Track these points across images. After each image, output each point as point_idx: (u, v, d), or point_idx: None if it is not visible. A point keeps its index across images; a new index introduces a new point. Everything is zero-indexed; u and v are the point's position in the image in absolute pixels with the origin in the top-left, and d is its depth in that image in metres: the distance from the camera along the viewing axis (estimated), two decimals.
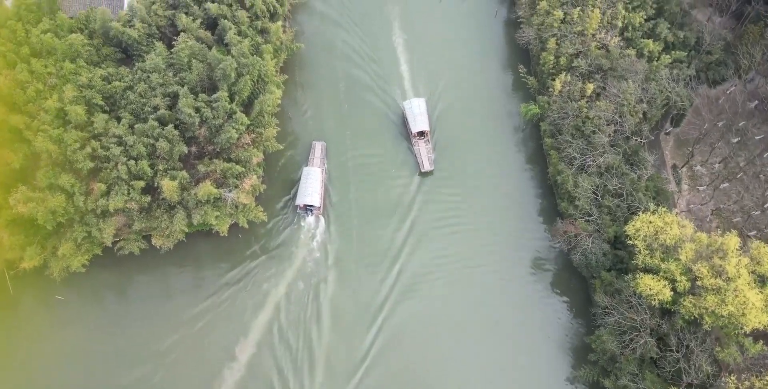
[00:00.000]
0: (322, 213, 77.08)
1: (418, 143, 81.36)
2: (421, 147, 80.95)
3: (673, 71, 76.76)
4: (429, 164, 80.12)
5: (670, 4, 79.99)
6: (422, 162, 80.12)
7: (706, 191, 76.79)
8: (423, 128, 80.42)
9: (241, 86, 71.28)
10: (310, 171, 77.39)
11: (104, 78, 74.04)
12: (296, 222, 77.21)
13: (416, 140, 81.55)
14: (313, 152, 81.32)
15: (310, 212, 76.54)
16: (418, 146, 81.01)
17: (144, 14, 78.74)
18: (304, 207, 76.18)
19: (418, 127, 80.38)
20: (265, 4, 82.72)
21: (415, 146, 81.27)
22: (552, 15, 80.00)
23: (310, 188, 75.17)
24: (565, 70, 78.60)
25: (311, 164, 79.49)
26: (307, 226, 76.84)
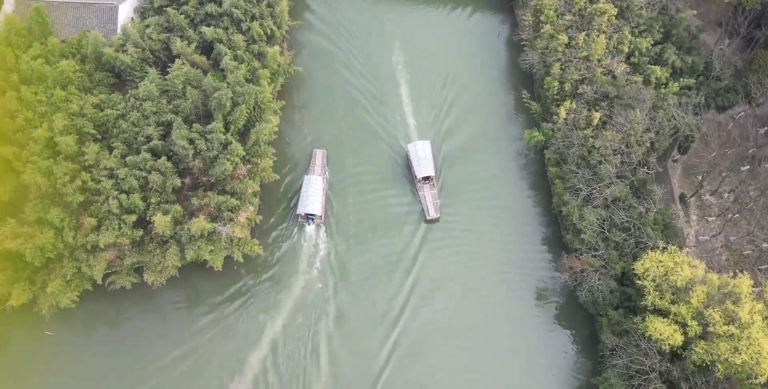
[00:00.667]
0: (323, 221, 75.85)
1: (423, 188, 77.66)
2: (426, 192, 77.17)
3: (681, 98, 74.65)
4: (435, 212, 76.26)
5: (678, 28, 77.85)
6: (428, 209, 76.40)
7: (716, 222, 74.65)
8: (428, 173, 76.81)
9: (237, 116, 69.21)
10: (310, 179, 76.20)
11: (96, 106, 71.97)
12: (295, 237, 75.34)
13: (421, 185, 77.85)
14: (314, 159, 80.00)
15: (311, 220, 75.37)
16: (423, 191, 77.46)
17: (137, 39, 76.68)
18: (305, 216, 75.04)
19: (423, 172, 76.76)
20: (262, 27, 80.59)
21: (420, 191, 77.71)
22: (556, 39, 77.87)
23: (311, 197, 74.03)
24: (570, 97, 76.48)
25: (312, 172, 78.16)
26: (308, 245, 75.05)
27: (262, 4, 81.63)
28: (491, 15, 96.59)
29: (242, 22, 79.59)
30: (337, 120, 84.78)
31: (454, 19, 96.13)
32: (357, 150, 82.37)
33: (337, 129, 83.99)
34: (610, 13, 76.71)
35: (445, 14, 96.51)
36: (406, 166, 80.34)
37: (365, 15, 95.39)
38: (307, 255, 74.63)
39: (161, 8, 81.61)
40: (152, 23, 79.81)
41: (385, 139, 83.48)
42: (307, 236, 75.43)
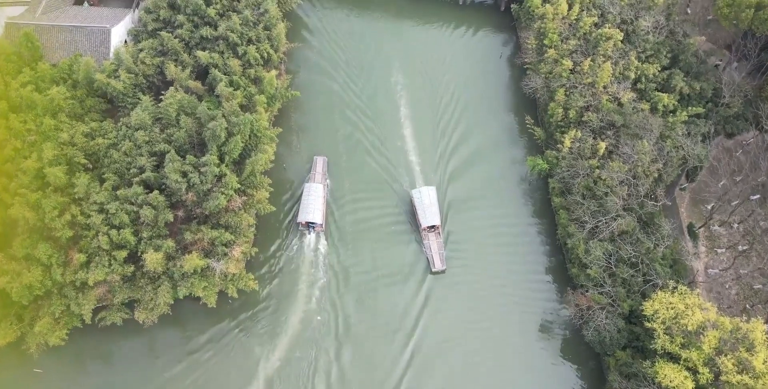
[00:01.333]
0: (323, 230, 74.72)
1: (428, 237, 73.96)
2: (431, 242, 73.63)
3: (689, 127, 72.54)
4: (441, 263, 72.55)
5: (686, 54, 75.67)
6: (433, 261, 72.61)
7: (725, 254, 72.46)
8: (434, 222, 73.25)
9: (232, 147, 67.08)
10: (311, 187, 75.01)
11: (87, 135, 69.85)
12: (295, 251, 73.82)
13: (426, 234, 74.19)
14: (315, 167, 78.56)
15: (312, 228, 74.27)
16: (428, 241, 73.74)
17: (130, 64, 74.60)
18: (306, 224, 73.99)
19: (429, 220, 73.26)
20: (258, 51, 78.54)
21: (425, 239, 73.91)
22: (561, 64, 75.74)
23: (312, 205, 72.83)
24: (575, 124, 74.37)
25: (313, 179, 76.92)
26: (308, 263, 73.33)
27: (259, 27, 79.64)
28: (493, 34, 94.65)
29: (238, 46, 77.56)
30: (335, 144, 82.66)
31: (455, 38, 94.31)
32: (356, 177, 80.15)
33: (336, 154, 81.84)
34: (616, 39, 74.59)
35: (445, 33, 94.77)
36: (410, 210, 76.68)
37: (364, 35, 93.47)
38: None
39: (155, 31, 79.56)
40: (146, 47, 77.75)
41: (389, 172, 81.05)
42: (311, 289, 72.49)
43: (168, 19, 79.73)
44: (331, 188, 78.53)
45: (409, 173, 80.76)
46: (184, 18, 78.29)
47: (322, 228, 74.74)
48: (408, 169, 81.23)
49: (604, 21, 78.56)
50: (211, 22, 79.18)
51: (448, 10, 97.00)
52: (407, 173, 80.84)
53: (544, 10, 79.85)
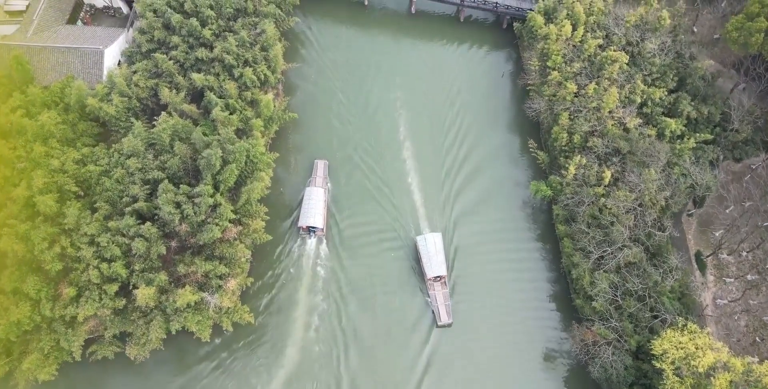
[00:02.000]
0: (324, 234, 74.05)
1: (433, 287, 70.63)
2: (437, 292, 70.20)
3: (696, 152, 70.69)
4: (447, 316, 69.45)
5: (693, 77, 73.74)
6: (439, 314, 69.40)
7: (734, 283, 70.54)
8: (440, 273, 70.15)
9: (227, 175, 65.19)
10: (312, 191, 74.19)
11: (78, 161, 67.99)
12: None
13: (431, 284, 70.98)
14: (316, 171, 77.48)
15: (313, 233, 73.67)
16: (434, 291, 70.27)
17: (123, 87, 72.72)
18: (306, 228, 73.27)
19: (435, 271, 70.06)
20: (255, 73, 76.64)
21: (431, 289, 70.57)
22: (565, 87, 73.85)
23: (313, 209, 72.52)
24: (579, 149, 72.48)
25: (314, 183, 76.07)
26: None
27: (255, 48, 77.75)
28: (495, 52, 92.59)
29: (234, 68, 75.67)
30: (335, 170, 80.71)
31: (455, 55, 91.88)
32: (356, 207, 78.31)
33: (334, 181, 79.89)
34: (621, 62, 72.70)
35: (446, 50, 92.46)
36: (415, 257, 73.65)
37: (363, 52, 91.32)
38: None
39: (150, 52, 77.70)
40: (140, 69, 75.87)
41: (389, 202, 79.03)
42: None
43: (163, 40, 77.85)
44: (332, 192, 77.76)
45: (409, 198, 78.90)
46: (179, 39, 76.41)
47: (323, 232, 73.98)
48: (409, 193, 79.30)
49: (609, 43, 76.71)
50: (207, 43, 77.33)
51: (448, 26, 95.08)
52: (407, 196, 79.02)
53: (548, 31, 77.98)
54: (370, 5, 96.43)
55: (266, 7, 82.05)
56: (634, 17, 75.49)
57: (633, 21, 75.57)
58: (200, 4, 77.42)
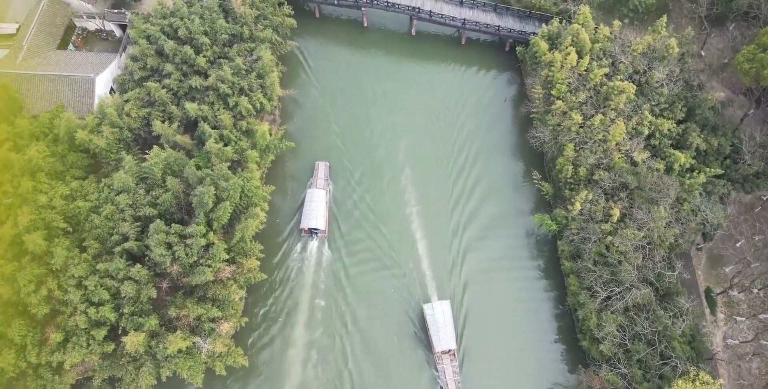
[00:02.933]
0: (326, 236, 73.58)
1: (441, 361, 66.07)
2: (446, 366, 65.48)
3: (706, 186, 68.34)
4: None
5: (702, 108, 71.39)
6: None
7: (745, 322, 68.19)
8: (450, 346, 65.72)
9: (220, 213, 62.90)
10: (313, 193, 74.06)
11: (66, 197, 65.70)
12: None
13: (439, 357, 66.39)
14: (317, 172, 77.08)
15: (315, 235, 73.23)
16: (442, 365, 65.67)
17: (114, 118, 70.51)
18: (308, 230, 73.13)
19: (444, 344, 65.64)
20: (251, 102, 74.42)
21: (439, 364, 66.04)
22: (570, 118, 71.52)
23: (315, 211, 72.39)
24: (585, 182, 70.17)
25: (315, 185, 75.74)
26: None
27: (251, 76, 75.48)
28: (497, 75, 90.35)
29: (229, 97, 73.45)
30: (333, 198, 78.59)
31: (456, 77, 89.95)
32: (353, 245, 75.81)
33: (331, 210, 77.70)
34: (629, 93, 70.37)
35: (447, 72, 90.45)
36: (422, 326, 69.32)
37: (363, 73, 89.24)
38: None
39: (142, 80, 75.52)
40: (132, 97, 73.66)
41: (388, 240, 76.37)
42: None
43: (156, 67, 75.67)
44: (333, 193, 77.13)
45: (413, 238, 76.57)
46: (173, 67, 74.20)
47: (325, 234, 73.51)
48: (413, 239, 76.66)
49: (616, 71, 74.41)
50: (201, 70, 75.16)
51: (449, 48, 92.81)
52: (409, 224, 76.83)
53: (552, 58, 75.71)
54: (370, 26, 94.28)
55: (262, 32, 79.95)
56: (641, 46, 73.20)
57: (640, 49, 73.27)
58: (194, 31, 75.27)
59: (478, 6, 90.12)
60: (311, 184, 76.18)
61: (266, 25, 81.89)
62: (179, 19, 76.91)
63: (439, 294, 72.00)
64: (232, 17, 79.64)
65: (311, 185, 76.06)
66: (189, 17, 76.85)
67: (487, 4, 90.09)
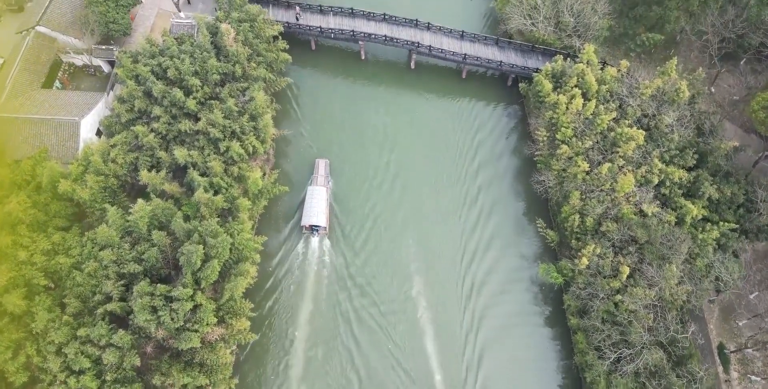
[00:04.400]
0: (327, 233, 73.74)
1: None
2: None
3: (720, 239, 65.21)
4: None
5: (714, 155, 68.27)
6: None
7: (761, 383, 64.98)
8: None
9: (208, 273, 59.65)
10: (314, 190, 74.23)
11: (47, 252, 62.54)
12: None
13: None
14: (317, 170, 77.23)
15: (316, 232, 73.41)
16: None
17: (100, 166, 67.36)
18: (309, 227, 73.25)
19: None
20: (243, 146, 71.34)
21: None
22: (576, 164, 68.45)
23: (315, 208, 72.59)
24: (592, 233, 67.04)
25: (315, 182, 75.93)
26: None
27: (243, 118, 72.34)
28: (499, 110, 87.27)
29: (220, 141, 70.35)
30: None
31: (457, 112, 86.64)
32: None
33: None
34: (638, 140, 67.29)
35: (447, 106, 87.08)
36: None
37: (360, 109, 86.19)
38: None
39: (130, 123, 72.45)
40: (119, 142, 70.52)
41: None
42: None
43: (144, 109, 72.58)
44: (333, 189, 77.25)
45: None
46: (161, 110, 71.06)
47: (326, 231, 73.88)
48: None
49: (623, 114, 71.35)
50: (191, 113, 72.08)
51: (449, 82, 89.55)
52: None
53: (556, 99, 72.69)
54: (368, 58, 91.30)
55: (255, 71, 76.95)
56: (650, 89, 70.10)
57: (649, 93, 70.18)
58: (184, 72, 72.15)
59: (479, 39, 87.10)
60: (311, 181, 76.59)
61: (260, 61, 78.92)
62: (169, 58, 73.87)
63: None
64: (223, 54, 76.65)
65: (311, 182, 76.46)
66: (179, 56, 73.80)
67: (489, 38, 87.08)
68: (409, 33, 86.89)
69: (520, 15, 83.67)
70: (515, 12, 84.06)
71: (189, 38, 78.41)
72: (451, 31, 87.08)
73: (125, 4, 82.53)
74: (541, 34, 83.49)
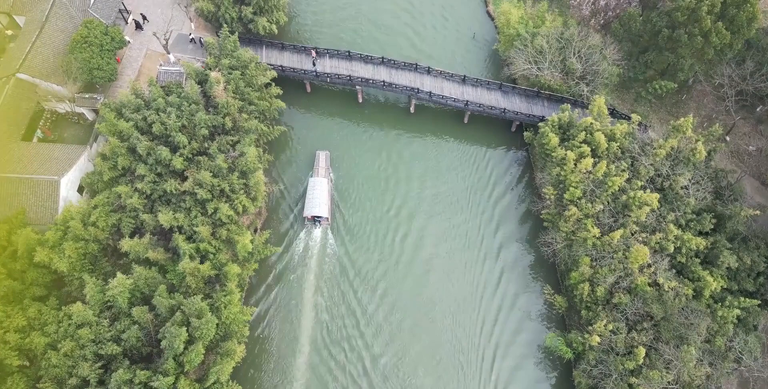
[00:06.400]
0: (329, 224, 74.50)
1: None
2: None
3: (740, 315, 61.13)
4: None
5: (733, 221, 64.17)
6: None
7: None
8: None
9: (192, 356, 55.56)
10: (316, 182, 74.51)
11: (21, 329, 58.45)
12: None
13: None
14: (318, 161, 77.44)
15: (318, 223, 73.91)
16: None
17: (79, 230, 63.30)
18: (312, 218, 73.65)
19: None
20: (232, 206, 67.32)
21: None
22: (586, 229, 64.36)
23: (318, 199, 73.00)
24: (603, 304, 62.95)
25: (317, 174, 76.25)
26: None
27: (233, 176, 68.29)
28: (502, 158, 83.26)
29: (208, 202, 66.34)
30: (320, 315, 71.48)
31: (459, 163, 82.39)
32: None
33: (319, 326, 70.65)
34: (652, 204, 63.23)
35: (448, 156, 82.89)
36: None
37: (358, 158, 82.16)
38: None
39: (113, 181, 68.50)
40: (100, 203, 66.52)
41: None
42: None
43: (128, 167, 68.60)
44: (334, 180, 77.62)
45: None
46: (146, 168, 67.04)
47: (329, 222, 74.57)
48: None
49: (635, 173, 67.28)
50: (178, 171, 68.09)
51: (451, 127, 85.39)
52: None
53: (563, 155, 68.64)
54: (365, 102, 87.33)
55: (247, 123, 72.88)
56: (664, 150, 66.01)
57: (663, 154, 66.08)
58: (171, 127, 68.18)
59: (482, 84, 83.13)
60: (313, 173, 76.95)
61: (252, 111, 74.98)
62: (155, 111, 69.91)
63: None
64: (213, 105, 72.75)
65: (313, 174, 76.83)
66: (165, 110, 69.83)
67: (492, 83, 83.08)
68: (408, 77, 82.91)
69: (525, 60, 79.68)
70: (520, 56, 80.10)
71: (177, 88, 74.41)
72: (453, 76, 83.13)
73: (111, 49, 78.44)
74: (547, 80, 79.49)
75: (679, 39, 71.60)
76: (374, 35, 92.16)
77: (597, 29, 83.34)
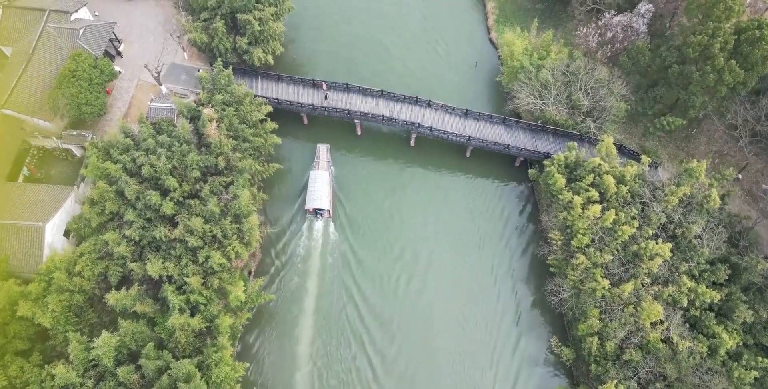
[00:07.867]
0: (331, 216, 75.17)
1: None
2: None
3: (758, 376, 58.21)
4: None
5: (750, 272, 61.26)
6: None
7: None
8: None
9: None
10: (317, 175, 75.40)
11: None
12: None
13: None
14: (318, 155, 78.36)
15: (320, 215, 74.50)
16: None
17: (63, 282, 60.34)
18: (313, 211, 74.50)
19: None
20: (225, 254, 64.38)
21: None
22: (595, 280, 61.48)
23: (319, 192, 73.88)
24: (613, 359, 60.04)
25: (317, 167, 76.95)
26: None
27: (226, 221, 65.29)
28: (505, 194, 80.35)
29: (199, 250, 63.45)
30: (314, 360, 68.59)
31: (460, 199, 79.60)
32: None
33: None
34: (664, 255, 60.36)
35: (449, 192, 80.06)
36: None
37: (358, 192, 79.35)
38: None
39: (100, 227, 65.61)
40: (87, 250, 63.61)
41: None
42: None
43: (116, 211, 65.70)
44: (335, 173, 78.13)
45: None
46: (135, 214, 64.10)
47: (330, 214, 75.15)
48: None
49: (646, 219, 64.37)
50: (168, 216, 65.17)
51: (453, 161, 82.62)
52: None
53: (570, 198, 65.78)
54: (364, 134, 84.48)
55: (240, 162, 69.99)
56: (676, 197, 63.12)
57: (675, 201, 63.20)
58: (161, 170, 65.28)
59: (484, 118, 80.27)
60: (313, 166, 77.40)
61: (246, 149, 72.12)
62: (144, 153, 66.97)
63: None
64: (205, 145, 69.89)
65: (314, 167, 77.24)
66: (155, 151, 66.94)
67: (495, 117, 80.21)
68: (408, 111, 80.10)
69: (530, 94, 76.84)
70: (524, 90, 77.23)
71: (168, 125, 71.58)
72: (454, 109, 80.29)
73: (100, 83, 75.42)
74: (553, 115, 76.66)
75: (690, 75, 68.80)
76: (372, 63, 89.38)
77: (604, 62, 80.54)
